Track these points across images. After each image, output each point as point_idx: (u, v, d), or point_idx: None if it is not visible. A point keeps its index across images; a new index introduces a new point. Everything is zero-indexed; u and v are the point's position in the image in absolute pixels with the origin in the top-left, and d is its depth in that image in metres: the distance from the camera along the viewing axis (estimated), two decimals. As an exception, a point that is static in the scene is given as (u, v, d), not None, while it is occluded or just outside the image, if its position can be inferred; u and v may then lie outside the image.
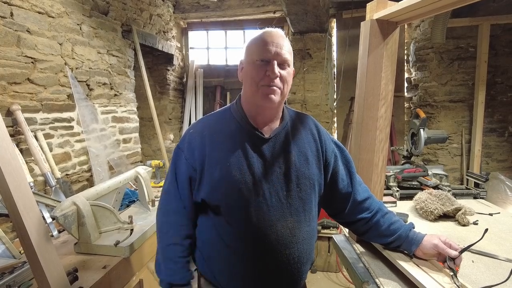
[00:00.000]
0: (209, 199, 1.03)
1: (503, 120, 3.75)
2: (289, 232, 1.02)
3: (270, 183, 1.02)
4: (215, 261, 1.08)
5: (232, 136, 1.06)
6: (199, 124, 1.13)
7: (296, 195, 1.04)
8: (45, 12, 2.19)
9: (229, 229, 1.03)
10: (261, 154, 1.04)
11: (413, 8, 1.07)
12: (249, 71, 1.03)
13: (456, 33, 3.62)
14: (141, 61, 3.43)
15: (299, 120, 1.16)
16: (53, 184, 2.05)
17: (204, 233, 1.10)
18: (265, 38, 1.03)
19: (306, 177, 1.06)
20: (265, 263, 1.02)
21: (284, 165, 1.05)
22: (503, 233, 1.44)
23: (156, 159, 3.88)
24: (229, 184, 1.01)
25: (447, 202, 1.64)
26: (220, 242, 1.05)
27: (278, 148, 1.06)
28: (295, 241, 1.04)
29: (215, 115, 1.15)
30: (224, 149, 1.04)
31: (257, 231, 1.00)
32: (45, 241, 0.99)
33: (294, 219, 1.03)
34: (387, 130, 1.34)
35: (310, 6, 3.25)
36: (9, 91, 1.93)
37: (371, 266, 1.20)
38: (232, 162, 1.02)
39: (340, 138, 4.29)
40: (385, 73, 1.28)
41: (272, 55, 1.00)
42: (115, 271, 1.42)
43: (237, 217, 1.01)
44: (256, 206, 1.00)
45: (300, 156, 1.07)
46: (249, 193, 1.00)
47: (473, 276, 1.10)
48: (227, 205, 1.02)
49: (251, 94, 1.04)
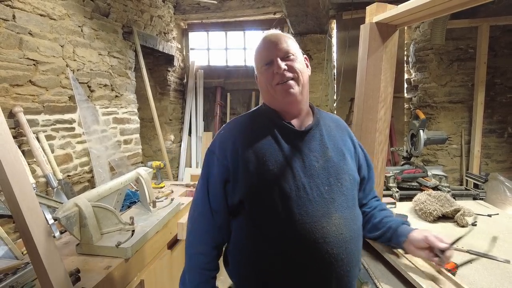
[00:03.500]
0: (247, 198, 0.95)
1: (502, 121, 3.77)
2: (336, 229, 0.92)
3: (309, 177, 0.95)
4: (248, 272, 0.98)
5: (264, 132, 1.01)
6: (229, 124, 1.09)
7: (338, 190, 0.97)
8: (47, 15, 2.20)
9: (268, 230, 0.93)
10: (296, 148, 0.99)
11: (412, 12, 1.08)
12: (261, 78, 1.04)
13: (456, 34, 3.64)
14: (142, 62, 3.45)
15: (331, 119, 1.14)
16: (55, 185, 2.06)
17: (239, 241, 1.01)
18: (264, 43, 1.04)
19: (346, 173, 1.01)
20: (310, 267, 0.91)
21: (321, 159, 0.99)
22: (501, 234, 1.45)
23: (157, 160, 3.89)
24: (268, 179, 0.94)
25: (446, 203, 1.65)
26: (257, 246, 0.95)
27: (313, 142, 1.01)
28: (343, 239, 0.93)
29: (245, 116, 1.11)
30: (258, 145, 0.98)
31: (301, 229, 0.90)
32: (48, 242, 1.00)
33: (340, 215, 0.94)
34: (386, 132, 1.35)
35: (310, 7, 3.26)
36: (11, 93, 1.95)
37: (370, 268, 1.21)
38: (267, 156, 0.96)
39: (340, 139, 4.30)
40: (384, 76, 1.29)
41: (272, 55, 1.00)
42: (116, 272, 1.43)
43: (278, 215, 0.92)
44: (297, 201, 0.92)
45: (337, 151, 1.03)
46: (289, 187, 0.92)
47: (471, 277, 1.11)
48: (266, 202, 0.93)
49: (272, 98, 1.04)
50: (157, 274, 1.84)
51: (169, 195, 2.45)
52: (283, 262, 0.92)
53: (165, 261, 1.95)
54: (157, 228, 1.80)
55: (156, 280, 1.82)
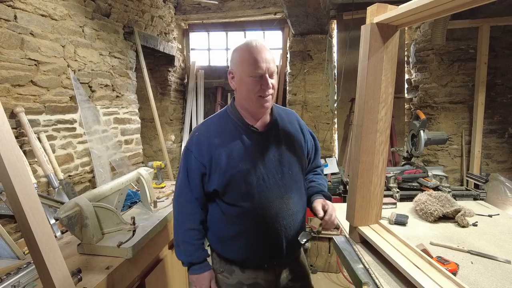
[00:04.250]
0: (220, 187, 1.24)
1: (503, 121, 3.76)
2: (285, 206, 1.27)
3: (267, 169, 1.26)
4: (224, 238, 1.31)
5: (232, 134, 1.27)
6: (203, 127, 1.33)
7: (289, 177, 1.29)
8: (48, 15, 2.20)
9: (236, 209, 1.25)
10: (257, 146, 1.27)
11: (413, 13, 1.08)
12: (245, 84, 1.21)
13: (456, 34, 3.63)
14: (143, 62, 3.45)
15: (285, 115, 1.40)
16: (56, 186, 2.06)
17: (214, 216, 1.32)
18: (255, 55, 1.18)
19: (296, 162, 1.33)
20: (267, 234, 1.26)
21: (277, 153, 1.29)
22: (502, 234, 1.45)
23: (158, 160, 3.89)
24: (236, 173, 1.22)
25: (446, 203, 1.65)
26: (228, 221, 1.28)
27: (271, 139, 1.29)
28: (291, 213, 1.29)
29: (215, 118, 1.36)
30: (227, 145, 1.24)
31: (260, 208, 1.24)
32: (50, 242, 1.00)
33: (289, 196, 1.28)
34: (387, 133, 1.35)
35: (311, 8, 3.26)
36: (13, 93, 1.95)
37: (371, 267, 1.22)
38: (235, 155, 1.23)
39: (341, 139, 4.30)
40: (385, 76, 1.29)
41: (263, 71, 1.18)
42: (118, 272, 1.43)
43: (243, 198, 1.24)
44: (258, 188, 1.23)
45: (289, 145, 1.32)
46: (251, 178, 1.23)
47: (472, 277, 1.11)
48: (234, 190, 1.23)
49: (247, 102, 1.25)
50: (158, 274, 1.85)
51: (170, 195, 2.45)
52: (248, 231, 1.27)
53: (166, 261, 1.96)
54: (158, 228, 1.80)
55: (157, 280, 1.83)
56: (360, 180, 1.35)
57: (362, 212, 1.40)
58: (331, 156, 4.35)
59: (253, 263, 1.32)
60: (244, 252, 1.30)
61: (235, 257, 1.32)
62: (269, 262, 1.32)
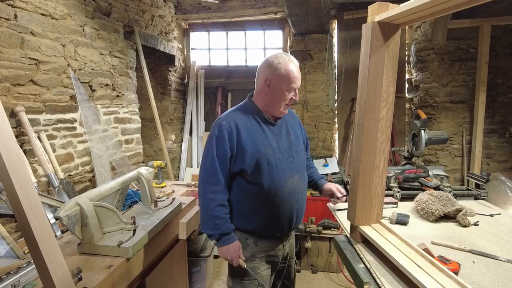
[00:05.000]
0: (248, 167, 1.47)
1: (503, 121, 3.76)
2: (296, 184, 1.55)
3: (282, 154, 1.52)
4: (245, 213, 1.54)
5: (253, 124, 1.52)
6: (228, 117, 1.53)
7: (297, 161, 1.58)
8: (49, 14, 2.20)
9: (258, 186, 1.48)
10: (273, 135, 1.54)
11: (414, 11, 1.08)
12: (280, 93, 1.49)
13: (457, 34, 3.63)
14: (143, 62, 3.45)
15: (289, 112, 1.70)
16: (56, 185, 2.06)
17: (235, 194, 1.54)
18: (295, 74, 1.48)
19: (300, 150, 1.64)
20: (283, 207, 1.52)
21: (287, 142, 1.58)
22: (504, 234, 1.45)
23: (158, 159, 3.89)
24: (260, 155, 1.47)
25: (448, 203, 1.65)
26: (249, 197, 1.51)
27: (283, 130, 1.59)
28: (300, 190, 1.58)
29: (236, 111, 1.57)
30: (251, 133, 1.49)
31: (278, 185, 1.49)
32: (50, 241, 1.00)
33: (299, 175, 1.57)
34: (388, 132, 1.35)
35: (311, 7, 3.26)
36: (13, 93, 1.95)
37: (372, 267, 1.21)
38: (258, 141, 1.49)
39: (341, 139, 4.30)
40: (386, 75, 1.29)
41: (296, 87, 1.50)
42: (118, 271, 1.43)
43: (265, 177, 1.47)
44: (276, 169, 1.49)
45: (294, 136, 1.63)
46: (272, 160, 1.48)
47: (474, 276, 1.11)
48: (259, 169, 1.46)
49: (274, 105, 1.52)
50: (159, 274, 1.85)
51: (170, 194, 2.45)
52: (267, 205, 1.50)
53: (166, 260, 1.95)
54: (159, 227, 1.80)
55: (157, 280, 1.82)
56: (361, 180, 1.35)
57: (363, 211, 1.40)
58: (332, 156, 4.34)
59: (269, 232, 1.56)
60: (263, 223, 1.53)
61: (254, 228, 1.54)
62: (282, 231, 1.58)
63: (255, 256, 1.57)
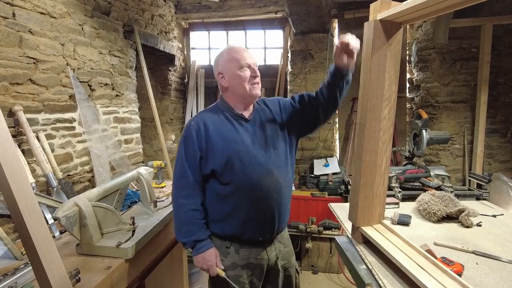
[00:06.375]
0: (218, 167, 1.38)
1: (505, 120, 3.74)
2: (275, 180, 1.42)
3: (256, 149, 1.41)
4: (222, 216, 1.43)
5: (224, 122, 1.44)
6: (197, 117, 1.48)
7: (274, 155, 1.44)
8: (47, 13, 2.19)
9: (232, 186, 1.39)
10: (246, 130, 1.44)
11: (417, 9, 1.06)
12: (237, 77, 1.41)
13: (459, 33, 3.61)
14: (143, 61, 3.43)
15: (269, 102, 1.58)
16: (55, 185, 2.04)
17: (210, 198, 1.45)
18: (240, 50, 1.43)
19: (278, 141, 1.48)
20: (261, 207, 1.41)
21: (262, 136, 1.45)
22: (507, 235, 1.43)
23: (158, 159, 3.87)
24: (231, 153, 1.38)
25: (450, 203, 1.63)
26: (224, 200, 1.42)
27: (256, 125, 1.47)
28: (279, 187, 1.44)
29: (207, 111, 1.52)
30: (221, 131, 1.41)
31: (253, 183, 1.38)
32: (47, 242, 0.98)
33: (277, 171, 1.43)
34: (390, 131, 1.33)
35: (312, 6, 3.24)
36: (11, 92, 1.93)
37: (374, 268, 1.20)
38: (229, 138, 1.40)
39: (342, 139, 4.28)
40: (388, 74, 1.27)
41: (252, 61, 1.43)
42: (117, 272, 1.41)
43: (237, 176, 1.38)
44: (249, 166, 1.38)
45: (272, 127, 1.48)
46: (244, 157, 1.38)
47: (477, 278, 1.09)
48: (231, 168, 1.37)
49: (243, 92, 1.42)
50: (158, 274, 1.83)
51: (169, 194, 2.43)
52: (244, 206, 1.41)
53: (165, 261, 1.94)
54: (158, 228, 1.78)
55: (156, 281, 1.81)
56: (363, 180, 1.33)
57: (364, 212, 1.38)
58: (332, 155, 4.33)
59: (249, 236, 1.44)
60: (240, 227, 1.42)
61: (232, 232, 1.44)
62: (264, 234, 1.46)
63: (236, 265, 1.46)
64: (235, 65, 1.41)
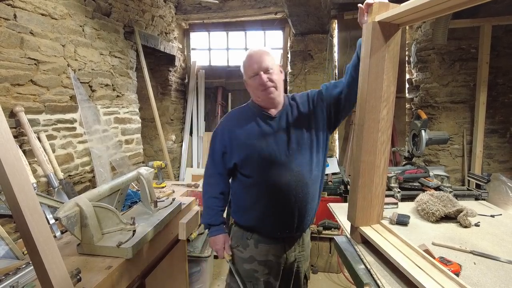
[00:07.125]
0: (239, 161, 1.51)
1: (504, 121, 3.75)
2: (295, 178, 1.45)
3: (278, 146, 1.46)
4: (242, 207, 1.58)
5: (249, 119, 1.53)
6: (227, 115, 1.65)
7: (297, 153, 1.47)
8: (48, 14, 2.20)
9: (252, 180, 1.49)
10: (270, 127, 1.50)
11: (415, 11, 1.07)
12: (249, 85, 1.53)
13: (458, 34, 3.62)
14: (143, 62, 3.44)
15: (299, 99, 1.59)
16: (56, 185, 2.05)
17: (235, 188, 1.60)
18: (249, 61, 1.49)
19: (304, 138, 1.50)
20: (279, 202, 1.47)
21: (286, 134, 1.49)
22: (505, 235, 1.44)
23: (158, 160, 3.89)
24: (252, 148, 1.47)
25: (448, 203, 1.64)
26: (246, 191, 1.54)
27: (282, 123, 1.51)
28: (301, 184, 1.46)
29: (237, 109, 1.66)
30: (245, 127, 1.51)
31: (272, 179, 1.45)
32: (48, 242, 0.99)
33: (298, 168, 1.46)
34: (389, 132, 1.34)
35: (312, 7, 3.25)
36: (12, 93, 1.94)
37: (373, 268, 1.21)
38: (251, 134, 1.49)
39: (341, 139, 4.29)
40: (387, 75, 1.28)
41: (257, 71, 1.45)
42: (117, 272, 1.42)
43: (257, 170, 1.47)
44: (270, 162, 1.45)
45: (298, 125, 1.51)
46: (265, 153, 1.45)
47: (475, 278, 1.10)
48: (250, 162, 1.48)
49: (256, 98, 1.53)
50: (158, 274, 1.84)
51: (170, 195, 2.44)
52: (263, 200, 1.49)
53: (166, 261, 1.95)
54: (158, 228, 1.79)
55: (157, 280, 1.82)
56: (362, 180, 1.34)
57: (363, 212, 1.39)
58: (332, 156, 4.33)
59: (268, 230, 1.53)
60: (260, 219, 1.52)
61: (252, 224, 1.55)
62: (283, 230, 1.52)
63: (254, 259, 1.55)
64: (247, 74, 1.51)
